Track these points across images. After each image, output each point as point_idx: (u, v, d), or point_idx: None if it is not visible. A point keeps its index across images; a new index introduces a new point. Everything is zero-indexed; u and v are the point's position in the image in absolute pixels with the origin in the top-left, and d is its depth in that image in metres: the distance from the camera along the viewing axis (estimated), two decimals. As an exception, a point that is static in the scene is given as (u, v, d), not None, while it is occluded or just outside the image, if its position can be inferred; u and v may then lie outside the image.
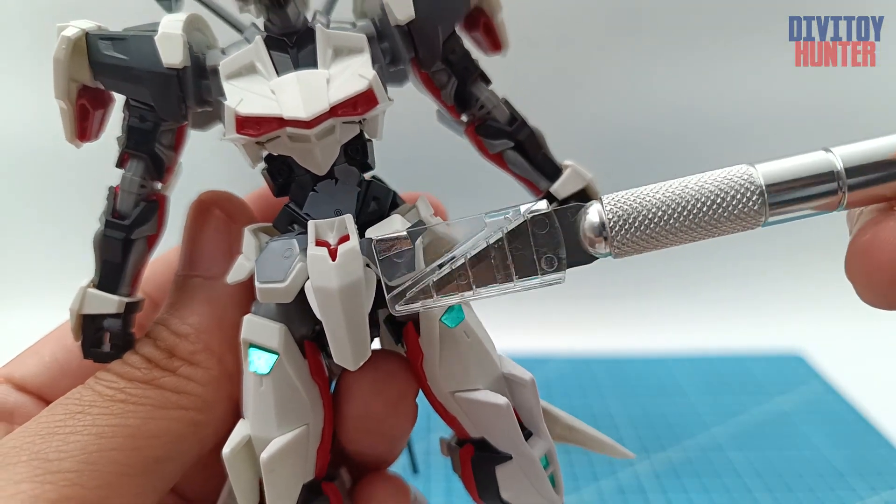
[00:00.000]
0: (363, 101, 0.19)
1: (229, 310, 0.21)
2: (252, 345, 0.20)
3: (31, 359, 0.24)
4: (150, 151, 0.21)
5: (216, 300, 0.21)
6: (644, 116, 0.67)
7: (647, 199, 0.17)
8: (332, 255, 0.18)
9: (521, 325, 0.67)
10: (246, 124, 0.18)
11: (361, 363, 0.18)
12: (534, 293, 0.70)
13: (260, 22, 0.21)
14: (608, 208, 0.17)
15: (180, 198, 0.24)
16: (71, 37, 0.19)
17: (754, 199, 0.16)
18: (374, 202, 0.21)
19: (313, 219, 0.19)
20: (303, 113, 0.18)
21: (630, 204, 0.17)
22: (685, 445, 0.50)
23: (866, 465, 0.47)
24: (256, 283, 0.19)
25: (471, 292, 0.18)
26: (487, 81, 0.23)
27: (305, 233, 0.19)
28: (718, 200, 0.16)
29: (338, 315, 0.17)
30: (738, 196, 0.16)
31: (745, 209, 0.16)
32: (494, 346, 0.21)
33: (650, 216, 0.17)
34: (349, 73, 0.19)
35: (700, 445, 0.50)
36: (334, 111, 0.18)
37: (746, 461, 0.48)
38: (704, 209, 0.16)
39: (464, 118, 0.23)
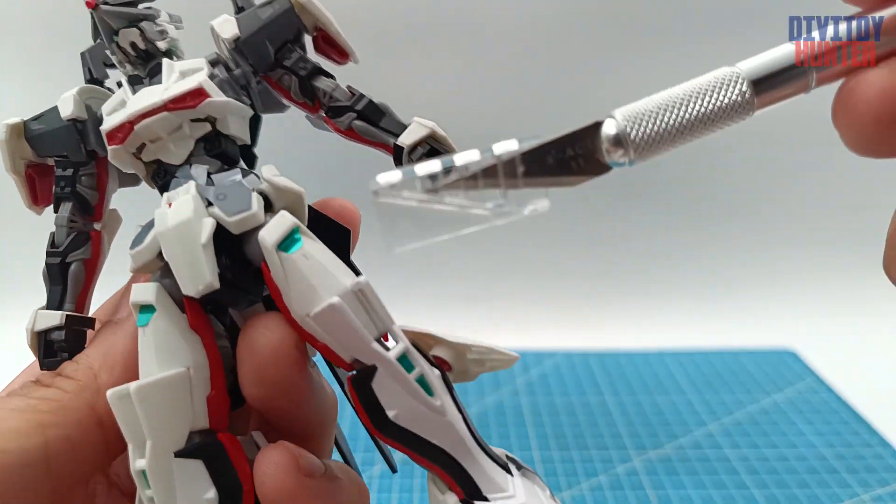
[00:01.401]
0: (193, 96, 0.23)
1: (122, 340, 0.24)
2: (136, 305, 0.22)
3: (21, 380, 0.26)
4: (74, 192, 0.26)
5: (113, 334, 0.24)
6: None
7: (652, 105, 0.19)
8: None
9: (518, 321, 0.67)
10: (111, 138, 0.23)
11: (202, 290, 0.20)
12: (532, 291, 0.70)
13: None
14: (621, 118, 0.19)
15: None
16: (11, 123, 0.26)
17: (741, 86, 0.19)
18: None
19: None
20: (141, 108, 0.22)
21: (639, 111, 0.19)
22: (681, 441, 0.50)
23: (859, 460, 0.48)
24: (129, 253, 0.22)
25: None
26: (328, 75, 0.26)
27: None
28: (713, 91, 0.19)
29: (174, 249, 0.20)
30: (727, 85, 0.19)
31: (735, 96, 0.19)
32: (345, 272, 0.22)
33: (658, 117, 0.19)
34: (185, 81, 0.23)
35: (695, 441, 0.50)
36: (167, 106, 0.22)
37: (741, 456, 0.48)
38: (704, 101, 0.19)
39: (321, 113, 0.26)
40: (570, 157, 0.20)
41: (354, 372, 0.21)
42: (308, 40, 0.27)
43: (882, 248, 0.20)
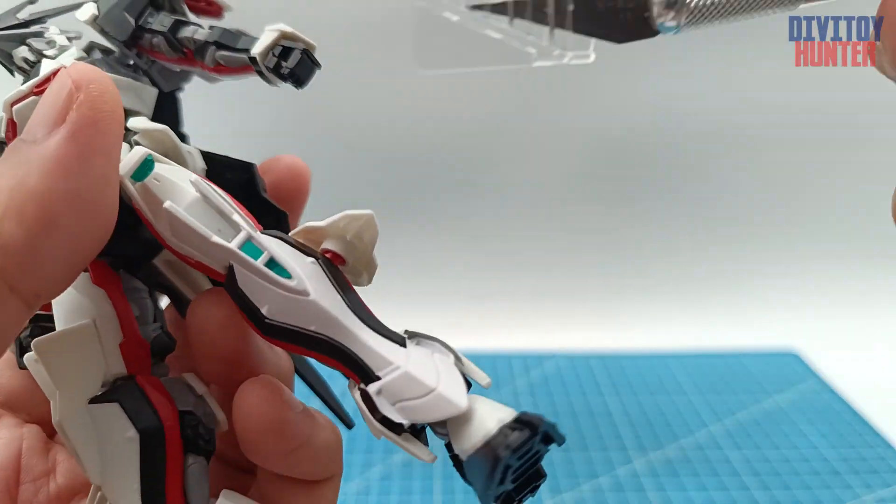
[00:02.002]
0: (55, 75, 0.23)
1: (35, 176, 0.18)
2: None
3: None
4: None
5: (23, 163, 0.18)
6: (643, 116, 0.67)
7: None
8: None
9: (519, 322, 0.67)
10: (7, 138, 0.22)
11: None
12: (533, 292, 0.70)
13: None
14: None
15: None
16: None
17: None
18: None
19: None
20: (10, 97, 0.22)
21: None
22: (682, 443, 0.50)
23: (862, 462, 0.48)
24: None
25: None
26: (191, 24, 0.26)
27: None
28: None
29: None
30: None
31: None
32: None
33: None
34: (54, 64, 0.23)
35: (697, 443, 0.50)
36: (32, 91, 0.21)
37: (743, 458, 0.48)
38: None
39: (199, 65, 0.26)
40: (621, 9, 0.19)
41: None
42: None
43: (882, 246, 0.20)
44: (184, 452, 0.21)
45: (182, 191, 0.20)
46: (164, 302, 0.26)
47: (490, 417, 0.18)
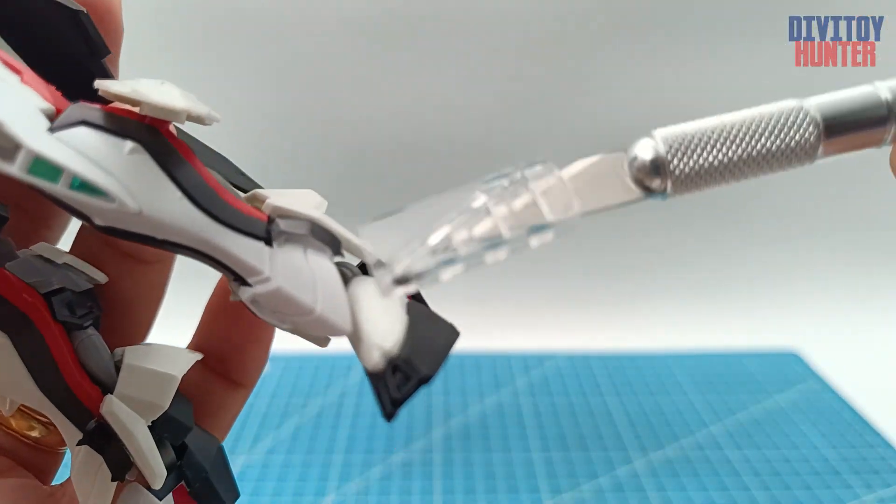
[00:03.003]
0: None
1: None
2: None
3: None
4: None
5: None
6: (643, 116, 0.67)
7: (701, 132, 0.17)
8: None
9: (519, 323, 0.67)
10: None
11: None
12: (533, 292, 0.70)
13: None
14: (662, 141, 0.17)
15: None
16: None
17: (809, 129, 0.16)
18: None
19: None
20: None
21: (685, 136, 0.17)
22: (682, 443, 0.50)
23: (863, 463, 0.48)
24: None
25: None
26: None
27: None
28: (778, 127, 0.17)
29: None
30: (793, 124, 0.17)
31: (801, 139, 0.16)
32: None
33: (709, 148, 0.17)
34: None
35: (697, 443, 0.50)
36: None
37: (743, 459, 0.48)
38: (762, 138, 0.17)
39: None
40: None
41: None
42: None
43: (883, 247, 0.21)
44: (68, 333, 0.18)
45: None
46: None
47: (373, 346, 0.16)
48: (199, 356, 0.20)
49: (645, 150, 0.17)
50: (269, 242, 0.17)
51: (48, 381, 0.18)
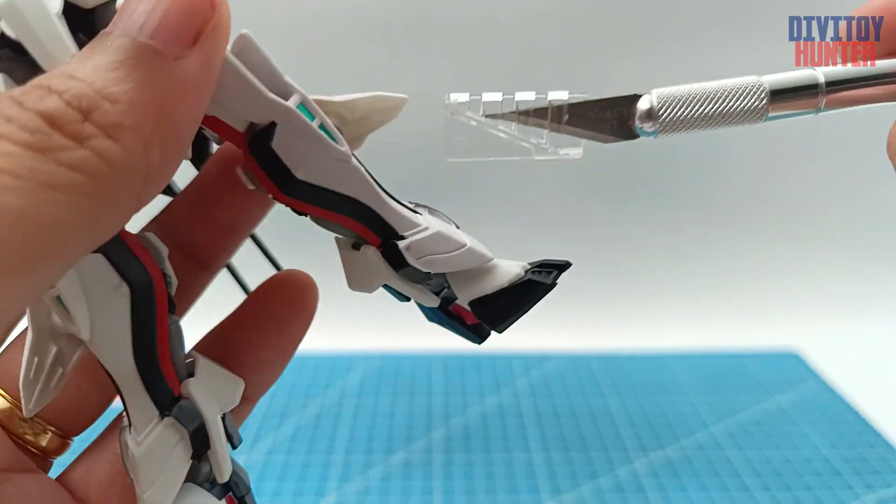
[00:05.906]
0: None
1: (178, 104, 0.15)
2: None
3: None
4: None
5: (164, 82, 0.15)
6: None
7: (684, 92, 0.23)
8: None
9: (520, 323, 0.67)
10: None
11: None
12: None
13: None
14: (656, 97, 0.23)
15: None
16: None
17: (761, 95, 0.23)
18: None
19: None
20: None
21: (672, 95, 0.23)
22: (683, 444, 0.50)
23: (864, 463, 0.48)
24: None
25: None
26: None
27: None
28: (738, 93, 0.23)
29: (22, 24, 0.15)
30: (751, 91, 0.23)
31: (755, 102, 0.23)
32: None
33: (688, 104, 0.23)
34: None
35: (698, 443, 0.50)
36: None
37: (744, 459, 0.48)
38: (727, 99, 0.23)
39: None
40: (608, 118, 0.23)
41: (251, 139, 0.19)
42: None
43: (884, 247, 0.21)
44: (169, 311, 0.20)
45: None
46: None
47: (513, 266, 0.23)
48: (242, 382, 0.22)
49: (644, 102, 0.23)
50: (416, 212, 0.22)
51: (143, 353, 0.19)
